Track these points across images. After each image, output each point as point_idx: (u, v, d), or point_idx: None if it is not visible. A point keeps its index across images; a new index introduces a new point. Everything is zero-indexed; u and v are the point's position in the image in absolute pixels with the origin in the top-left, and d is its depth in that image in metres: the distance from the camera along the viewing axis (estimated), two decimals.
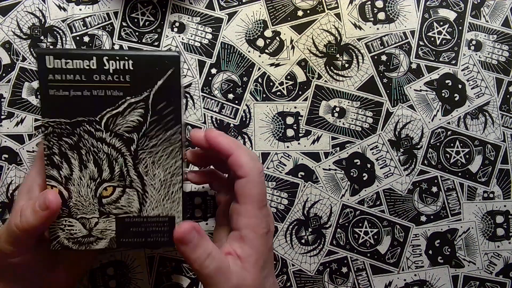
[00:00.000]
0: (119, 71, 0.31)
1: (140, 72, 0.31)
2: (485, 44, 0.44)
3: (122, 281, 0.43)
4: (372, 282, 0.44)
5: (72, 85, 0.31)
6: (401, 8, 0.44)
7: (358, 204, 0.44)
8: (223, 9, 0.44)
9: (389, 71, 0.44)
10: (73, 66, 0.31)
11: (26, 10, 0.43)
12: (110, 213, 0.33)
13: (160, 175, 0.32)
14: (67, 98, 0.31)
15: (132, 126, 0.32)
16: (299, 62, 0.44)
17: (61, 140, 0.31)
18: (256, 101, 0.44)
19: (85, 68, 0.31)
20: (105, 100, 0.31)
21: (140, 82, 0.31)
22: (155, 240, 0.33)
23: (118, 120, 0.32)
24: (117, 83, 0.31)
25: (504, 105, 0.45)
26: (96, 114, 0.31)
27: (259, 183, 0.33)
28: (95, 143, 0.32)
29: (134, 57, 0.31)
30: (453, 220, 0.44)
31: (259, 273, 0.33)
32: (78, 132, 0.31)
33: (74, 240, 0.33)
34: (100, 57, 0.31)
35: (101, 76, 0.31)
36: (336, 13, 0.44)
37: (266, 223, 0.34)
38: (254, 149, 0.44)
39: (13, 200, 0.43)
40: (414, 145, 0.44)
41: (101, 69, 0.31)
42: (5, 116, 0.43)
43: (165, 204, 0.33)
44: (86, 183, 0.32)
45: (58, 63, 0.31)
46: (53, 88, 0.31)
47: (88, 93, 0.31)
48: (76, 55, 0.31)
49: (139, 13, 0.43)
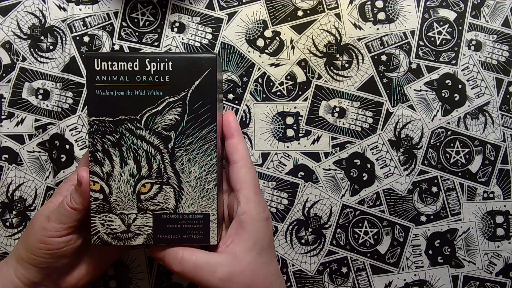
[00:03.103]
0: (159, 72, 0.33)
1: (179, 72, 0.33)
2: (485, 44, 0.44)
3: (122, 281, 0.44)
4: (372, 282, 0.44)
5: (116, 85, 0.33)
6: (401, 8, 0.44)
7: (358, 204, 0.44)
8: (223, 9, 0.44)
9: (389, 71, 0.44)
10: (118, 68, 0.33)
11: (26, 10, 0.43)
12: (148, 209, 0.34)
13: (196, 172, 0.34)
14: (111, 98, 0.33)
15: (170, 124, 0.33)
16: (299, 62, 0.44)
17: (104, 137, 0.33)
18: (256, 101, 0.44)
19: (129, 69, 0.33)
20: (145, 100, 0.33)
21: (179, 82, 0.33)
22: (190, 237, 0.34)
23: (157, 118, 0.33)
24: (157, 83, 0.33)
25: (504, 105, 0.45)
26: (137, 113, 0.33)
27: (252, 168, 0.36)
28: (135, 140, 0.33)
29: (174, 58, 0.33)
30: (453, 220, 0.44)
31: (256, 257, 0.34)
32: (120, 130, 0.33)
33: (114, 236, 0.34)
34: (143, 59, 0.33)
35: (142, 77, 0.33)
36: (336, 13, 0.44)
37: (263, 207, 0.35)
38: (254, 149, 0.44)
39: (13, 200, 0.43)
40: (414, 145, 0.44)
41: (143, 70, 0.33)
42: (5, 116, 0.43)
43: (200, 202, 0.34)
44: (126, 180, 0.34)
45: (104, 65, 0.33)
46: (100, 89, 0.33)
47: (130, 93, 0.33)
48: (121, 58, 0.33)
49: (139, 13, 0.43)
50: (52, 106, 0.43)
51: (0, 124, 0.43)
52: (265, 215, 0.35)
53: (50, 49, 0.43)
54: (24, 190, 0.43)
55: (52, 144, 0.43)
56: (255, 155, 0.44)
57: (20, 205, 0.43)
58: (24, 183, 0.43)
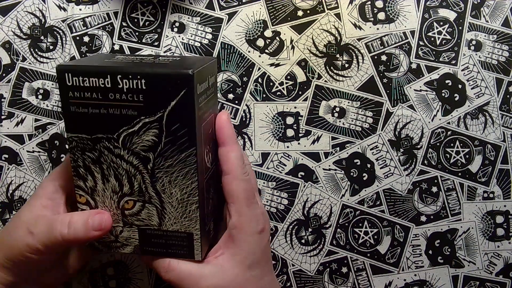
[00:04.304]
0: (132, 90, 0.30)
1: (153, 91, 0.30)
2: (485, 44, 0.44)
3: (122, 281, 0.44)
4: (372, 282, 0.44)
5: (90, 102, 0.31)
6: (401, 8, 0.44)
7: (358, 204, 0.44)
8: (223, 9, 0.44)
9: (389, 71, 0.44)
10: (89, 84, 0.30)
11: (26, 10, 0.43)
12: (133, 224, 0.33)
13: (177, 194, 0.32)
14: (87, 115, 0.31)
15: (147, 145, 0.31)
16: (299, 62, 0.44)
17: (84, 154, 0.32)
18: (256, 101, 0.44)
19: (101, 86, 0.30)
20: (121, 119, 0.31)
21: (154, 102, 0.30)
22: (175, 252, 0.34)
23: (134, 138, 0.31)
24: (131, 102, 0.30)
25: (504, 105, 0.44)
26: (114, 132, 0.31)
27: (244, 180, 0.34)
28: (115, 159, 0.32)
29: (147, 75, 0.30)
30: (453, 220, 0.44)
31: (245, 271, 0.33)
32: (99, 148, 0.32)
33: (104, 244, 0.34)
34: (114, 75, 0.30)
35: (115, 95, 0.30)
36: (336, 13, 0.44)
37: (257, 221, 0.34)
38: (254, 149, 0.44)
39: (13, 200, 0.43)
40: (414, 145, 0.44)
41: (115, 88, 0.30)
42: (5, 116, 0.43)
43: (183, 222, 0.33)
44: (109, 195, 0.33)
45: (76, 81, 0.30)
46: (74, 105, 0.31)
47: (105, 111, 0.31)
48: (92, 73, 0.30)
49: (139, 13, 0.43)
50: (52, 106, 0.43)
51: (0, 124, 0.43)
52: (258, 228, 0.34)
53: (50, 49, 0.43)
54: (24, 190, 0.43)
55: (52, 144, 0.43)
56: (255, 155, 0.44)
57: (20, 205, 0.43)
58: (24, 183, 0.43)
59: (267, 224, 0.35)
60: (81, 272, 0.43)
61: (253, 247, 0.33)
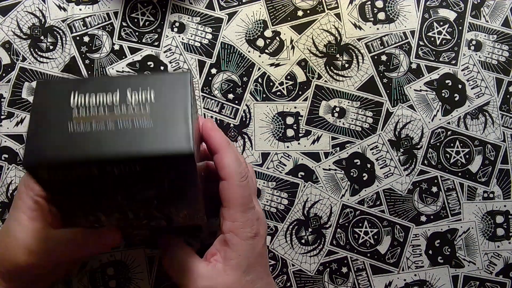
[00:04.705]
0: (124, 174, 0.26)
1: (148, 172, 0.26)
2: (485, 44, 0.44)
3: (122, 281, 0.43)
4: (372, 282, 0.44)
5: (73, 192, 0.27)
6: (401, 8, 0.44)
7: (358, 204, 0.44)
8: (223, 9, 0.44)
9: (389, 71, 0.44)
10: (70, 177, 0.25)
11: (26, 10, 0.43)
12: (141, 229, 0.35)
13: (184, 212, 0.32)
14: (70, 200, 0.28)
15: (148, 196, 0.29)
16: (299, 62, 0.44)
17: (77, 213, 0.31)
18: (256, 101, 0.44)
19: (86, 177, 0.25)
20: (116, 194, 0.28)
21: (150, 177, 0.27)
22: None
23: (132, 196, 0.29)
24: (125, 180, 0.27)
25: (504, 105, 0.44)
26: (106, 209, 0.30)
27: (241, 186, 0.33)
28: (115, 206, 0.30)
29: (140, 160, 0.25)
30: (453, 220, 0.44)
31: (240, 276, 0.33)
32: (98, 214, 0.31)
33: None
34: (102, 164, 0.25)
35: (106, 181, 0.26)
36: (336, 13, 0.44)
37: (251, 227, 0.34)
38: (254, 149, 0.44)
39: (12, 200, 0.43)
40: (414, 145, 0.44)
41: (103, 176, 0.25)
42: (5, 116, 0.43)
43: (190, 222, 0.34)
44: (114, 222, 0.32)
45: (52, 174, 0.25)
46: (55, 196, 0.28)
47: (92, 197, 0.29)
48: (74, 165, 0.24)
49: (139, 13, 0.43)
50: None
51: (0, 124, 0.43)
52: (251, 233, 0.33)
53: (50, 49, 0.43)
54: None
55: None
56: (255, 155, 0.44)
57: None
58: None
59: (262, 228, 0.35)
60: (81, 272, 0.43)
61: (247, 252, 0.34)
